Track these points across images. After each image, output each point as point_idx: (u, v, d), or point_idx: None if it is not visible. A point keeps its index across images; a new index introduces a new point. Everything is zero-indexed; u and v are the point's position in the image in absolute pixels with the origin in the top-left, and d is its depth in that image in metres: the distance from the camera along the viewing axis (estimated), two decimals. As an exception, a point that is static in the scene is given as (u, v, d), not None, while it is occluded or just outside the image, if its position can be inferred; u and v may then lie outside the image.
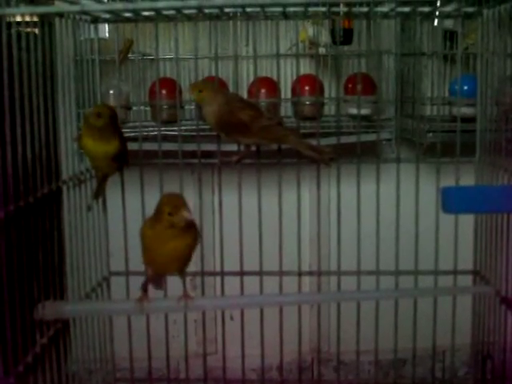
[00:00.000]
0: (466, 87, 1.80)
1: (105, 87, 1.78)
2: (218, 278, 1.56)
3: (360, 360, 1.60)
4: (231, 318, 1.79)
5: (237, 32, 1.74)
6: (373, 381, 1.79)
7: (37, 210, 1.22)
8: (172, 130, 1.76)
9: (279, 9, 1.41)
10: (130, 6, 1.17)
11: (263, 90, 1.87)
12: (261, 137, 1.39)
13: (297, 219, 1.51)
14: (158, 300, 1.29)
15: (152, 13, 1.40)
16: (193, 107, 2.01)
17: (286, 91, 2.00)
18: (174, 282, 1.31)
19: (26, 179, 1.17)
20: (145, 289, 1.28)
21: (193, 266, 1.60)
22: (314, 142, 1.47)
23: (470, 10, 1.43)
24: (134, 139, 1.51)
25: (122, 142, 1.35)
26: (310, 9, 1.42)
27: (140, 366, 1.57)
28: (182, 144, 1.49)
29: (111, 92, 1.85)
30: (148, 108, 1.95)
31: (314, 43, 1.97)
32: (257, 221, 1.49)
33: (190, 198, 1.84)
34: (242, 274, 1.53)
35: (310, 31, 1.96)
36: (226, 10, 1.39)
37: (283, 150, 1.46)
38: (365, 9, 1.43)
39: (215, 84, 1.47)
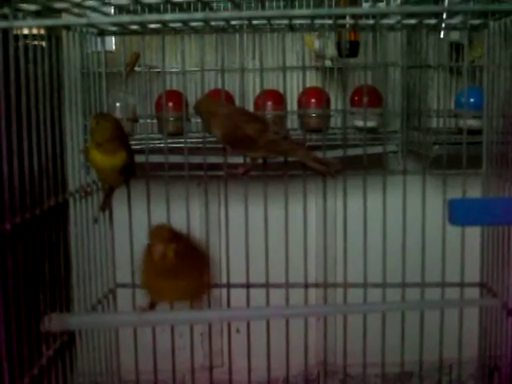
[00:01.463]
0: (472, 99, 1.81)
1: (111, 100, 1.78)
2: (224, 291, 1.55)
3: (366, 373, 1.59)
4: (237, 331, 1.78)
5: (243, 45, 1.75)
6: (379, 394, 1.79)
7: (43, 223, 1.22)
8: (178, 143, 1.76)
9: (285, 21, 1.41)
10: (137, 18, 1.17)
11: (269, 103, 1.87)
12: (267, 151, 1.38)
13: (303, 231, 1.51)
14: (163, 312, 1.28)
15: (159, 25, 1.40)
16: (199, 120, 2.02)
17: (292, 104, 2.00)
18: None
19: (32, 191, 1.17)
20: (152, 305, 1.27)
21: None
22: (320, 154, 1.48)
23: (476, 22, 1.43)
24: (141, 151, 1.51)
25: (129, 154, 1.35)
26: (316, 21, 1.43)
27: (146, 378, 1.56)
28: (188, 156, 1.49)
29: (118, 104, 1.85)
30: (154, 120, 1.96)
31: (320, 56, 1.98)
32: (263, 233, 1.49)
33: (196, 210, 1.85)
34: (248, 286, 1.53)
35: (316, 44, 1.97)
36: (233, 22, 1.40)
37: (289, 162, 1.46)
38: (371, 21, 1.43)
39: (217, 100, 1.46)
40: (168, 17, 1.17)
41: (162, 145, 1.61)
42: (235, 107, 1.47)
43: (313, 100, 1.92)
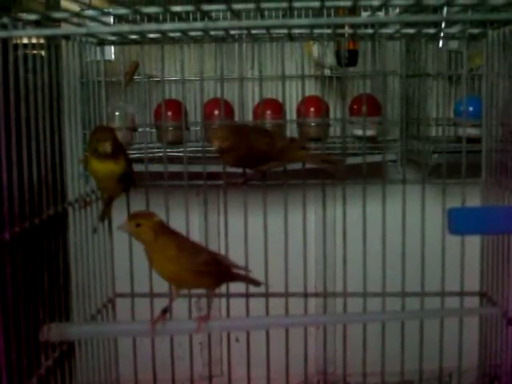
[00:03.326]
0: (471, 108, 1.81)
1: (111, 109, 1.79)
2: (224, 300, 1.55)
3: (366, 382, 1.59)
4: (237, 340, 1.78)
5: (242, 54, 1.75)
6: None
7: (42, 232, 1.22)
8: (177, 152, 1.76)
9: (284, 30, 1.41)
10: (136, 28, 1.17)
11: (268, 112, 1.88)
12: (279, 159, 1.37)
13: (302, 240, 1.51)
14: (170, 322, 1.27)
15: (158, 35, 1.40)
16: (198, 129, 2.02)
17: (291, 112, 2.00)
18: (178, 303, 1.30)
19: (31, 201, 1.17)
20: (165, 310, 1.26)
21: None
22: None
23: (475, 31, 1.43)
24: (140, 161, 1.51)
25: (128, 163, 1.35)
26: (316, 30, 1.43)
27: (145, 388, 1.56)
28: (187, 165, 1.49)
29: (117, 114, 1.85)
30: (153, 129, 1.96)
31: (319, 65, 1.98)
32: (262, 242, 1.48)
33: (196, 219, 1.85)
34: (247, 295, 1.52)
35: (316, 53, 1.97)
36: (232, 32, 1.40)
37: (289, 171, 1.46)
38: (370, 30, 1.44)
39: (220, 109, 1.45)
40: (167, 26, 1.17)
41: (161, 154, 1.61)
42: (239, 126, 1.45)
43: (312, 109, 1.92)
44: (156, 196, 1.48)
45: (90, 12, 1.18)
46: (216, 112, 1.88)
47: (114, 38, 1.48)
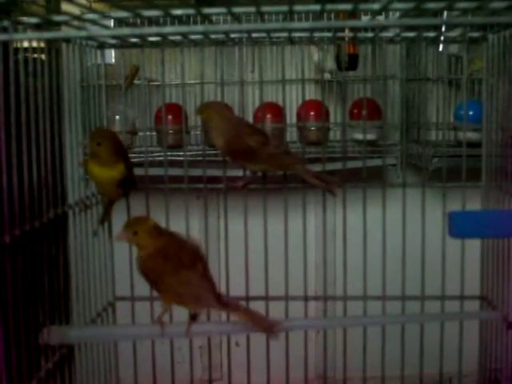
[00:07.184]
0: (471, 112, 1.81)
1: (111, 112, 1.79)
2: (224, 303, 1.55)
3: (366, 386, 1.59)
4: (236, 344, 1.78)
5: (242, 57, 1.75)
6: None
7: (42, 235, 1.22)
8: (178, 155, 1.76)
9: (285, 34, 1.42)
10: (137, 31, 1.17)
11: (269, 115, 1.88)
12: (267, 164, 1.38)
13: (303, 244, 1.51)
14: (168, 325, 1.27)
15: (158, 38, 1.40)
16: (198, 132, 2.02)
17: (291, 116, 2.00)
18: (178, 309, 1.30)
19: (31, 204, 1.17)
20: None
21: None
22: (319, 167, 1.48)
23: (475, 35, 1.43)
24: (140, 164, 1.51)
25: (127, 168, 1.34)
26: (316, 34, 1.43)
27: (145, 392, 1.56)
28: (187, 169, 1.49)
29: (117, 117, 1.85)
30: (154, 133, 1.96)
31: (319, 69, 1.98)
32: (262, 246, 1.48)
33: (196, 222, 1.85)
34: (247, 299, 1.52)
35: (316, 57, 1.97)
36: (232, 35, 1.40)
37: (289, 175, 1.46)
38: (370, 34, 1.44)
39: (223, 107, 1.45)
40: (168, 29, 1.17)
41: (161, 157, 1.61)
42: (238, 118, 1.47)
43: (312, 113, 1.92)
44: (156, 199, 1.48)
45: (90, 15, 1.18)
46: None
47: (114, 42, 1.48)
